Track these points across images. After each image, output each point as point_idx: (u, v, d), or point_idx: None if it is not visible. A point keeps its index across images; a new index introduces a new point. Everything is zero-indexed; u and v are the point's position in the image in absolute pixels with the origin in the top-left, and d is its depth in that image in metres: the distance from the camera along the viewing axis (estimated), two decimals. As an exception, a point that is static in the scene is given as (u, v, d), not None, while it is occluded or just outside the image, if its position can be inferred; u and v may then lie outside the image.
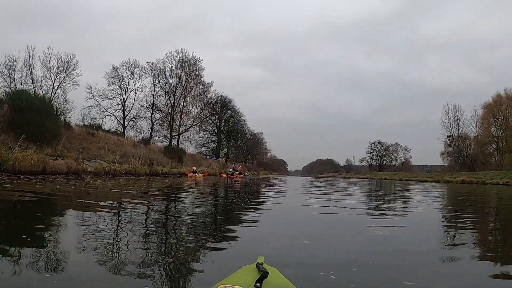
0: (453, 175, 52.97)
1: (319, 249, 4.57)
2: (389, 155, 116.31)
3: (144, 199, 10.67)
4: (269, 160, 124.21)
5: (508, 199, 17.31)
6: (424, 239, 5.55)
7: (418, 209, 11.19)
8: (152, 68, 53.72)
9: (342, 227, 6.60)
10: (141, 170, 25.61)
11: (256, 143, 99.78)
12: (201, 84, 57.89)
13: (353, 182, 44.95)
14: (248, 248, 4.45)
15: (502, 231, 7.11)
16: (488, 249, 5.17)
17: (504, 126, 63.05)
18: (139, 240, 4.55)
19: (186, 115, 56.70)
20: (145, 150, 32.28)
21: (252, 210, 8.99)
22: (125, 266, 3.36)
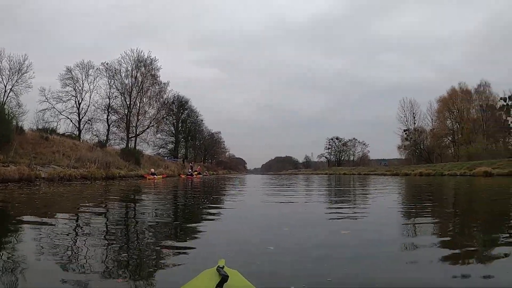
0: (411, 168, 54.36)
1: (284, 253, 4.22)
2: (347, 150, 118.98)
3: (101, 204, 10.42)
4: (228, 159, 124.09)
5: (465, 189, 17.86)
6: (395, 234, 5.60)
7: (382, 203, 11.41)
8: (107, 69, 52.62)
9: (307, 226, 6.30)
10: (97, 174, 25.09)
11: (214, 142, 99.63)
12: (158, 84, 57.21)
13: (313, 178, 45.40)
14: (209, 252, 4.29)
15: (460, 220, 7.48)
16: (446, 237, 5.46)
17: (459, 119, 65.64)
18: (99, 246, 4.48)
19: (142, 116, 55.91)
20: (101, 153, 31.62)
21: (212, 211, 8.81)
22: (85, 273, 3.33)
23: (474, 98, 65.91)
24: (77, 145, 33.14)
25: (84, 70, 51.06)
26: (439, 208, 9.81)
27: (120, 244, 4.79)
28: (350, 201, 12.18)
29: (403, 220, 7.37)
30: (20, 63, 39.30)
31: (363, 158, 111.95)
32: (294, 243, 4.74)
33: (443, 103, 68.07)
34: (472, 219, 7.38)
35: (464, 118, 65.21)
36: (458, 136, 66.40)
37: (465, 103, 65.60)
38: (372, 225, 6.35)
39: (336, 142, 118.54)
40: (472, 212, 8.84)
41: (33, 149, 24.94)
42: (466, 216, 8.06)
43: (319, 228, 6.10)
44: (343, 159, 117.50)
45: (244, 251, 4.36)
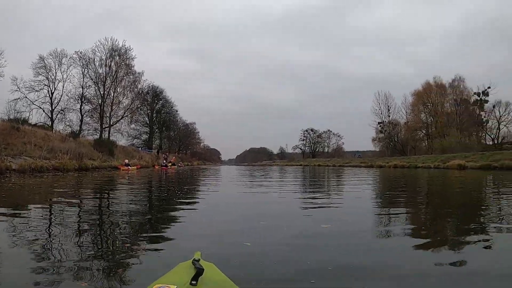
0: (386, 160, 54.92)
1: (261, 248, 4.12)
2: (322, 142, 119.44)
3: (74, 196, 10.28)
4: (203, 150, 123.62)
5: (439, 181, 18.27)
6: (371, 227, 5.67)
7: (356, 194, 11.59)
8: (81, 58, 51.38)
9: (284, 219, 6.16)
10: (70, 165, 24.77)
11: (189, 133, 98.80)
12: (132, 74, 56.34)
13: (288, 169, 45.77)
14: (184, 245, 4.27)
15: (432, 210, 7.75)
16: (419, 227, 5.64)
17: (433, 113, 66.74)
18: (71, 240, 4.43)
19: (116, 106, 55.06)
20: (74, 144, 31.19)
21: (187, 202, 8.89)
22: (57, 268, 3.27)
23: (448, 92, 67.26)
24: (49, 136, 32.52)
25: (57, 59, 49.98)
26: (413, 199, 10.11)
27: (93, 237, 4.76)
28: (326, 192, 12.39)
29: (377, 210, 7.54)
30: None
31: (337, 150, 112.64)
32: (271, 237, 4.72)
33: (418, 96, 69.22)
34: (445, 209, 7.64)
35: (438, 111, 66.47)
36: (432, 129, 67.70)
37: (440, 97, 66.83)
38: (348, 215, 6.55)
39: (311, 134, 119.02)
40: (445, 203, 9.08)
41: (4, 140, 24.40)
42: (439, 207, 8.28)
43: (296, 220, 6.19)
44: (318, 150, 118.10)
45: (219, 243, 4.37)
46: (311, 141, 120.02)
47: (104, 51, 52.82)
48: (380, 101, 76.39)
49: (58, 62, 50.06)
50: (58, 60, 50.06)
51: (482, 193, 12.51)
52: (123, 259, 3.72)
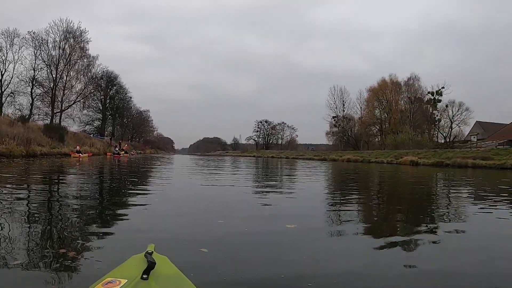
0: (339, 154, 55.32)
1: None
2: (275, 133, 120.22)
3: (20, 184, 9.82)
4: (156, 138, 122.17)
5: (391, 177, 18.75)
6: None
7: (309, 188, 11.73)
8: (34, 39, 49.66)
9: (238, 214, 6.07)
10: (17, 151, 24.11)
11: (143, 121, 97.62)
12: (86, 58, 55.12)
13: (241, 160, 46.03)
14: (138, 236, 4.19)
15: (385, 206, 8.02)
16: (372, 223, 5.86)
17: (387, 109, 68.43)
18: (19, 231, 4.26)
19: (69, 90, 53.76)
20: (22, 129, 30.30)
21: (139, 193, 8.54)
22: (5, 259, 3.16)
23: (403, 90, 69.13)
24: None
25: (9, 39, 48.18)
26: (365, 194, 10.27)
27: (40, 229, 4.53)
28: (279, 186, 12.29)
29: (329, 207, 7.46)
30: None
31: (291, 142, 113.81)
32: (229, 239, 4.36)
33: (373, 92, 70.91)
34: (396, 206, 7.90)
35: (392, 108, 68.21)
36: (386, 125, 69.41)
37: (394, 94, 68.64)
38: (301, 211, 6.52)
39: (265, 125, 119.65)
40: (396, 200, 9.39)
41: None
42: (391, 204, 8.53)
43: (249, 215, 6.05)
44: (272, 142, 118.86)
45: (171, 240, 4.10)
46: (265, 133, 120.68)
47: (58, 33, 51.34)
48: (335, 95, 77.98)
49: (10, 42, 48.28)
50: (10, 40, 48.25)
51: (433, 189, 12.87)
52: (75, 249, 3.58)
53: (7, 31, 48.06)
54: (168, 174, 16.87)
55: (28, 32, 49.75)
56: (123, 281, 1.78)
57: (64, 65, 52.20)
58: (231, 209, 6.62)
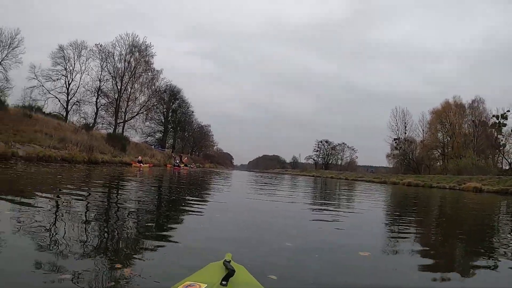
0: (400, 177, 53.23)
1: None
2: (335, 154, 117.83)
3: (82, 189, 9.59)
4: (216, 153, 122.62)
5: (454, 202, 17.40)
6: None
7: (369, 209, 10.94)
8: (101, 51, 51.33)
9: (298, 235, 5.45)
10: (79, 157, 23.85)
11: (203, 135, 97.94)
12: (150, 71, 56.22)
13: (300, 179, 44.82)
14: (195, 257, 3.71)
15: (444, 231, 7.41)
16: (429, 247, 5.37)
17: (451, 132, 65.03)
18: (75, 233, 4.17)
19: (133, 102, 54.86)
20: (86, 136, 30.38)
21: (198, 204, 8.28)
22: (59, 262, 3.05)
23: (467, 112, 65.25)
24: (61, 126, 31.79)
25: (77, 50, 49.78)
26: (425, 218, 9.80)
27: (98, 231, 4.49)
28: (337, 205, 11.73)
29: (388, 227, 7.23)
30: (12, 37, 38.04)
31: (350, 163, 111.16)
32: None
33: (436, 115, 67.39)
34: (456, 231, 7.37)
35: (456, 132, 64.69)
36: (448, 149, 65.87)
37: (458, 117, 65.10)
38: (357, 230, 6.32)
39: (325, 145, 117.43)
40: (457, 225, 8.71)
41: (14, 126, 23.66)
42: (451, 229, 7.94)
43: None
44: (331, 162, 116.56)
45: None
46: (325, 153, 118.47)
47: (124, 46, 52.68)
48: (397, 117, 74.65)
49: (78, 53, 49.84)
50: (78, 51, 49.81)
51: (496, 217, 11.92)
52: (126, 256, 3.52)
53: (75, 43, 49.63)
54: (228, 189, 16.34)
55: (95, 45, 51.27)
56: (203, 286, 1.88)
57: (129, 77, 53.32)
58: (298, 229, 5.94)
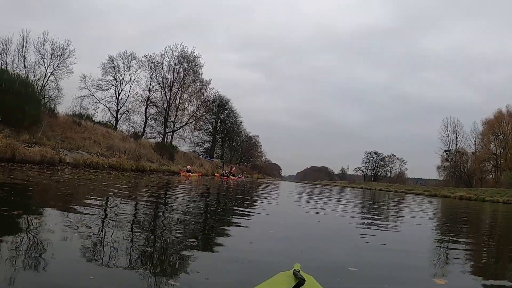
0: (451, 190, 50.80)
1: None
2: (384, 166, 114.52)
3: (130, 197, 9.46)
4: (264, 164, 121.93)
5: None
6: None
7: (419, 224, 10.00)
8: (150, 61, 51.90)
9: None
10: (127, 165, 23.30)
11: (252, 145, 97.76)
12: (199, 82, 56.34)
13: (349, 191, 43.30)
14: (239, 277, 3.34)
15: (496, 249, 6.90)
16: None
17: (504, 144, 61.49)
18: (124, 239, 4.12)
19: (181, 112, 55.01)
20: (134, 145, 30.09)
21: (245, 215, 7.91)
22: (109, 267, 3.06)
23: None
24: (110, 134, 31.70)
25: (127, 61, 50.46)
26: (478, 234, 9.11)
27: (146, 240, 4.38)
28: (391, 220, 10.95)
29: (436, 245, 6.52)
30: (63, 48, 38.67)
31: (400, 175, 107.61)
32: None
33: (489, 125, 63.58)
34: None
35: (509, 142, 60.90)
36: (501, 161, 62.20)
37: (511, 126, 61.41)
38: (404, 246, 5.84)
39: (374, 157, 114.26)
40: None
41: (63, 133, 23.49)
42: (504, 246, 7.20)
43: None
44: (380, 174, 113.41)
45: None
46: (374, 164, 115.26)
47: (173, 57, 53.01)
48: (448, 128, 71.26)
49: (127, 64, 50.46)
50: (127, 62, 50.43)
51: None
52: (171, 265, 3.52)
53: (125, 54, 50.26)
54: (276, 199, 15.92)
55: (144, 56, 51.79)
56: None
57: (178, 87, 53.55)
58: (355, 250, 5.15)
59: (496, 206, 28.71)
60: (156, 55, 51.85)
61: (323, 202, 15.93)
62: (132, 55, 50.44)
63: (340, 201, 18.72)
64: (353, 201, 19.59)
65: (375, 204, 18.88)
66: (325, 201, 16.79)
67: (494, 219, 15.24)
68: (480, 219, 15.11)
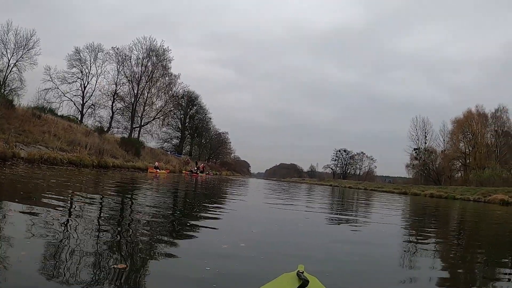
0: (421, 188, 51.11)
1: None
2: (354, 163, 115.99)
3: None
4: (233, 161, 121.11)
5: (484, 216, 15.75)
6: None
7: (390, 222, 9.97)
8: (117, 54, 50.42)
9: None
10: (88, 160, 21.95)
11: (221, 142, 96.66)
12: (168, 76, 55.21)
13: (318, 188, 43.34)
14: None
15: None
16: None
17: (473, 142, 62.48)
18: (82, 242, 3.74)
19: (149, 107, 53.78)
20: (98, 140, 28.67)
21: (215, 213, 7.73)
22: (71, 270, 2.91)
23: (490, 122, 62.88)
24: (72, 128, 30.14)
25: (93, 53, 48.96)
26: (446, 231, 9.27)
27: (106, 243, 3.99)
28: (363, 221, 10.05)
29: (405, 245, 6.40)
30: (27, 38, 37.16)
31: (369, 173, 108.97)
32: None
33: (458, 124, 64.73)
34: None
35: (478, 142, 62.05)
36: (470, 160, 63.29)
37: (481, 126, 62.44)
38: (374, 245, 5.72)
39: (343, 155, 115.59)
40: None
41: (21, 126, 22.03)
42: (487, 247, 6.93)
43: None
44: (349, 172, 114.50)
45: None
46: (343, 162, 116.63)
47: (141, 50, 51.73)
48: (417, 126, 72.42)
49: (94, 56, 48.93)
50: (94, 54, 48.92)
51: None
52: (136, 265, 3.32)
53: (92, 45, 48.73)
54: (245, 197, 15.44)
55: (112, 48, 50.27)
56: None
57: (146, 81, 52.25)
58: (327, 253, 4.82)
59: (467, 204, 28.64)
60: (124, 48, 50.47)
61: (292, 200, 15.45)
62: (99, 47, 49.03)
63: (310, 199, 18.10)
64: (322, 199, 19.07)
65: (346, 202, 18.64)
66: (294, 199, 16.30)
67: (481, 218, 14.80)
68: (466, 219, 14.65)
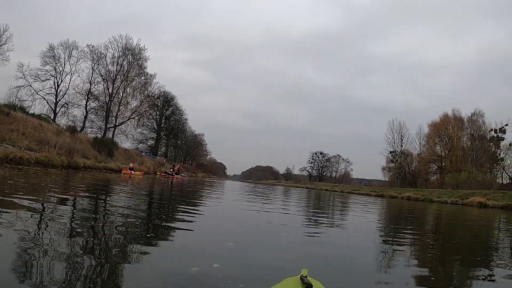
0: (398, 191, 51.46)
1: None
2: (330, 166, 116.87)
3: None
4: (209, 162, 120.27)
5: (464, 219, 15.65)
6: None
7: (366, 225, 9.83)
8: (92, 52, 49.17)
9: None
10: (57, 161, 21.08)
11: (196, 144, 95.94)
12: (144, 75, 54.17)
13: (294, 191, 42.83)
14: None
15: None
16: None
17: (449, 146, 63.10)
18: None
19: (124, 106, 52.67)
20: (69, 139, 27.66)
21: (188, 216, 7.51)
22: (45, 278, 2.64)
23: (466, 126, 63.72)
24: (43, 127, 29.05)
25: (68, 50, 47.67)
26: (429, 233, 9.13)
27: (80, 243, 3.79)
28: (338, 225, 9.61)
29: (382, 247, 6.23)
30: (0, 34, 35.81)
31: (345, 176, 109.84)
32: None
33: (435, 128, 65.49)
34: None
35: (454, 145, 62.76)
36: (446, 163, 63.92)
37: (457, 130, 63.20)
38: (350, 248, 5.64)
39: (319, 157, 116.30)
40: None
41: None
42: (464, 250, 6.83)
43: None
44: (325, 174, 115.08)
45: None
46: (319, 164, 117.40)
47: (117, 48, 50.67)
48: (394, 129, 73.21)
49: (68, 54, 47.63)
50: (68, 51, 47.66)
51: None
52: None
53: (66, 43, 47.49)
54: (223, 198, 15.51)
55: (87, 45, 49.07)
56: None
57: (121, 81, 51.23)
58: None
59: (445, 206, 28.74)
60: (99, 46, 49.22)
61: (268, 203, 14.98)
62: (73, 44, 47.76)
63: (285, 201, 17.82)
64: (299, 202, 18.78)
65: (322, 204, 18.47)
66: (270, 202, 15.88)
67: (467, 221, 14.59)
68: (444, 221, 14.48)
